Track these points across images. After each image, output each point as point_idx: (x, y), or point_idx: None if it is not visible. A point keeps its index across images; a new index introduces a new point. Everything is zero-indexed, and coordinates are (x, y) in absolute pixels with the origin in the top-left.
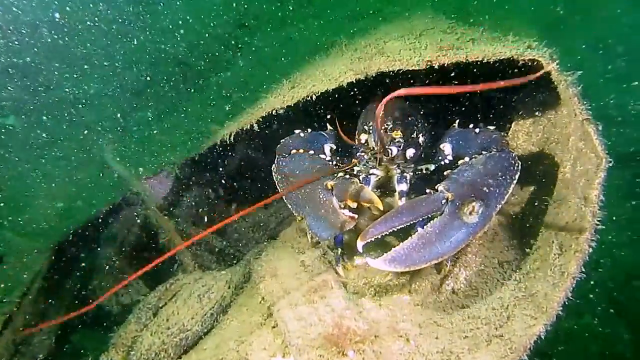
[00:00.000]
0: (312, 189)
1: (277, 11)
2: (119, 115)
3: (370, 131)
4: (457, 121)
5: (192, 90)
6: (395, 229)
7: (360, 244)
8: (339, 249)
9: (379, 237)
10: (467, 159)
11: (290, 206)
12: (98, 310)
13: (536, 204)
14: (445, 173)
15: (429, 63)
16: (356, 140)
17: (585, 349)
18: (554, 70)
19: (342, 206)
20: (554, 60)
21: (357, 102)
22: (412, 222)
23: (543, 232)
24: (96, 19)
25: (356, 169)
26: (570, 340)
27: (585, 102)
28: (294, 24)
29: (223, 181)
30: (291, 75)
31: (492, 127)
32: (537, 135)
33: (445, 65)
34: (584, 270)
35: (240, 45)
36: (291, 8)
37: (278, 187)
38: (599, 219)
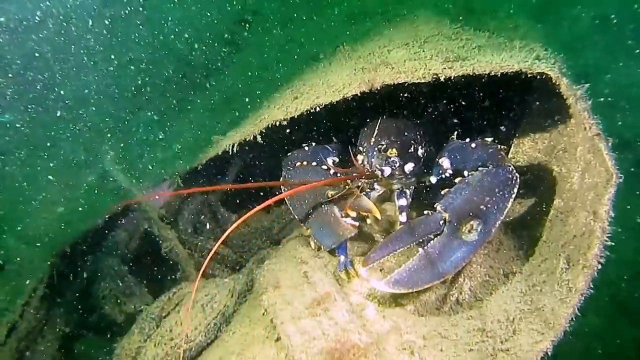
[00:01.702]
0: (315, 200)
1: (277, 7)
2: (119, 116)
3: (364, 152)
4: (456, 132)
5: (193, 92)
6: (396, 252)
7: (363, 271)
8: (342, 256)
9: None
10: (465, 173)
11: (295, 216)
12: (101, 317)
13: (542, 214)
14: (442, 192)
15: (435, 76)
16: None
17: (588, 348)
18: (563, 84)
19: (344, 215)
20: (563, 74)
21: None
22: (412, 244)
23: (550, 243)
24: (94, 14)
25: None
26: (573, 339)
27: (595, 117)
28: (295, 23)
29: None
30: (294, 84)
31: (489, 139)
32: (544, 142)
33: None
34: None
35: (240, 43)
36: (292, 5)
37: (286, 198)
38: (608, 235)
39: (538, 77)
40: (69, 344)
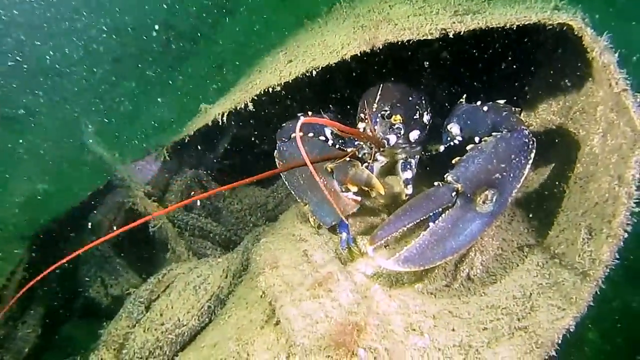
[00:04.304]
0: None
1: None
2: (100, 86)
3: (366, 120)
4: (465, 95)
5: (180, 60)
6: (406, 228)
7: (370, 249)
8: (344, 233)
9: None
10: (477, 139)
11: (292, 192)
12: (87, 300)
13: (559, 180)
14: (453, 161)
15: (443, 32)
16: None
17: (596, 315)
18: (587, 35)
19: (344, 189)
20: (586, 24)
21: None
22: (422, 219)
23: (568, 212)
24: None
25: (361, 152)
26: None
27: (622, 71)
28: None
29: (216, 162)
30: (287, 46)
31: (502, 102)
32: (559, 103)
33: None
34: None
35: (230, 6)
36: None
37: (281, 173)
38: (635, 200)
39: (556, 29)
40: (52, 329)
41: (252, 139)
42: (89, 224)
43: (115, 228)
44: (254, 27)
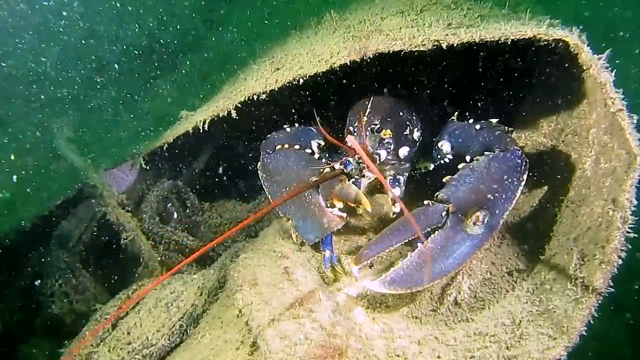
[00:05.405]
0: (296, 187)
1: None
2: (78, 93)
3: (355, 133)
4: (457, 113)
5: (164, 69)
6: (393, 248)
7: (355, 269)
8: (327, 251)
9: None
10: (468, 158)
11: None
12: (49, 317)
13: (550, 204)
14: (444, 180)
15: (436, 43)
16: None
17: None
18: (584, 52)
19: (329, 205)
20: (583, 42)
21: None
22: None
23: (559, 237)
24: None
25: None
26: None
27: (618, 90)
28: None
29: (196, 173)
30: (275, 55)
31: (494, 120)
32: (550, 125)
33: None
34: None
35: (218, 20)
36: None
37: (263, 185)
38: (630, 225)
39: (551, 45)
40: (10, 348)
41: (235, 150)
42: (57, 235)
43: (85, 239)
44: (240, 40)
